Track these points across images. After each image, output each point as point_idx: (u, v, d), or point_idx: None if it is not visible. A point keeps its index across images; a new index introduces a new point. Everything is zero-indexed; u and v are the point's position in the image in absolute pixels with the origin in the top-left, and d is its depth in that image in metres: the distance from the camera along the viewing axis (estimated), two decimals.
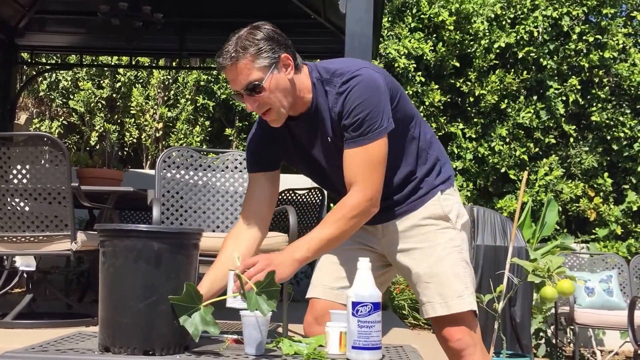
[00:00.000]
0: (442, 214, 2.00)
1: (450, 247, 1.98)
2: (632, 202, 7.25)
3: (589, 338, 6.46)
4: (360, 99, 1.81)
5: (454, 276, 1.96)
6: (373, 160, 1.85)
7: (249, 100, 1.83)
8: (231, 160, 3.76)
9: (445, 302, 1.93)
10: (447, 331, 1.94)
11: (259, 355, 1.61)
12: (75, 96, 8.51)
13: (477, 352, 1.93)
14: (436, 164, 2.04)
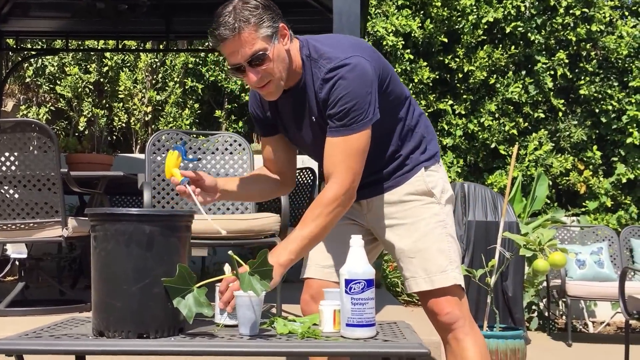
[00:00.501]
0: (425, 190, 2.00)
1: (435, 222, 1.99)
2: (621, 174, 7.30)
3: (580, 310, 6.53)
4: (347, 89, 1.79)
5: (437, 251, 1.96)
6: (353, 151, 1.84)
7: (252, 72, 1.78)
8: (221, 142, 3.75)
9: (429, 277, 1.94)
10: (435, 305, 1.95)
11: (253, 335, 1.61)
12: (62, 81, 8.44)
13: (466, 325, 1.94)
14: (422, 141, 2.04)
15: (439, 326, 1.97)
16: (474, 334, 1.95)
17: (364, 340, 1.58)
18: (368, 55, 1.86)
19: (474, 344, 1.94)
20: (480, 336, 1.98)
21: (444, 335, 1.98)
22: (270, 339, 1.58)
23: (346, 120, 1.81)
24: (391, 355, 1.61)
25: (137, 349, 1.51)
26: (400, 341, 1.57)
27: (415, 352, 1.51)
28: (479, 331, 1.99)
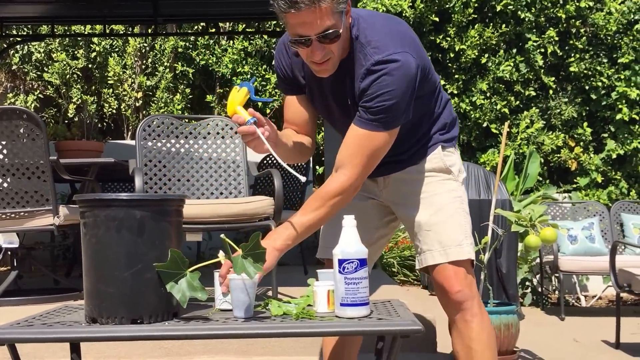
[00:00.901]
0: (443, 167, 2.01)
1: (452, 197, 1.99)
2: (612, 150, 7.32)
3: (573, 284, 6.58)
4: (389, 87, 1.75)
5: (454, 225, 1.96)
6: (373, 149, 1.82)
7: (319, 48, 1.72)
8: (212, 127, 3.73)
9: (444, 249, 1.93)
10: (446, 282, 1.93)
11: (248, 318, 1.61)
12: (50, 68, 8.36)
13: (475, 305, 1.94)
14: (445, 125, 2.04)
15: (448, 305, 1.96)
16: (482, 316, 1.95)
17: (358, 319, 1.58)
18: (415, 51, 1.81)
19: (481, 325, 1.94)
20: (487, 318, 1.97)
21: (452, 315, 1.97)
22: (265, 320, 1.58)
23: (379, 117, 1.78)
24: (385, 334, 1.61)
25: (131, 335, 1.51)
26: (394, 319, 1.58)
27: (408, 329, 1.51)
28: (486, 313, 1.98)
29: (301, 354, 2.78)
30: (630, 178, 7.46)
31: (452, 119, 2.08)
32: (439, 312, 2.93)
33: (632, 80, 7.39)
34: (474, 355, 1.94)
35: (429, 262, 1.96)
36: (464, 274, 1.93)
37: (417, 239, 2.00)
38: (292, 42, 1.75)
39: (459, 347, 1.98)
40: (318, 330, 1.55)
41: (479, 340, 1.93)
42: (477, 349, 1.93)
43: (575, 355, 4.01)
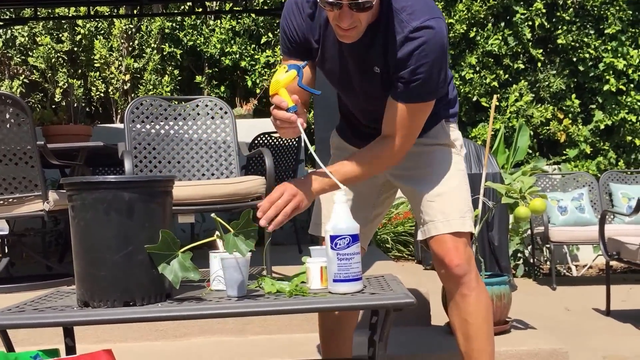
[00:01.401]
0: (447, 140, 2.02)
1: (455, 170, 2.00)
2: (600, 120, 7.35)
3: (564, 255, 6.64)
4: (429, 57, 1.72)
5: (457, 197, 1.96)
6: (417, 120, 1.83)
7: (348, 15, 1.66)
8: (202, 107, 3.71)
9: (448, 220, 1.93)
10: (446, 256, 1.92)
11: (241, 296, 1.61)
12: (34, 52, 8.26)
13: (473, 280, 1.94)
14: (450, 101, 2.04)
15: (447, 278, 1.96)
16: (479, 289, 1.95)
17: (351, 294, 1.59)
18: (443, 18, 1.79)
19: (478, 299, 1.94)
20: (485, 292, 1.98)
21: (450, 288, 1.97)
22: (258, 298, 1.58)
23: (420, 89, 1.76)
24: (378, 307, 1.62)
25: (124, 317, 1.51)
26: (387, 293, 1.58)
27: (401, 302, 1.52)
28: (484, 287, 1.99)
29: (297, 331, 2.79)
30: (619, 148, 7.49)
31: (455, 95, 2.07)
32: (432, 286, 2.96)
33: (619, 51, 7.39)
34: (470, 329, 1.95)
35: (431, 232, 1.94)
36: (463, 247, 1.93)
37: (420, 210, 1.98)
38: (323, 3, 1.68)
39: (455, 320, 1.99)
40: (311, 307, 1.56)
41: (476, 314, 1.94)
42: (473, 322, 1.94)
43: (567, 324, 4.06)
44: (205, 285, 1.80)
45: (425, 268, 5.41)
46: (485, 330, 1.96)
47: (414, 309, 2.77)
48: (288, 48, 1.92)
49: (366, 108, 1.97)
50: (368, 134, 1.96)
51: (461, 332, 1.97)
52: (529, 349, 2.47)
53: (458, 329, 1.99)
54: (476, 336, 1.95)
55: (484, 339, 1.96)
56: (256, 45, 8.00)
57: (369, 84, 1.87)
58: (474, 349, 1.96)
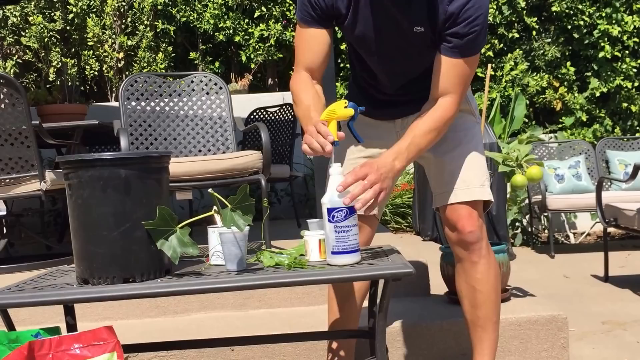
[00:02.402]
0: (468, 108, 1.99)
1: (476, 139, 1.98)
2: (595, 88, 7.32)
3: (561, 223, 6.67)
4: (481, 10, 1.73)
5: (477, 166, 1.95)
6: (470, 73, 1.83)
7: None
8: (197, 83, 3.69)
9: (469, 188, 1.92)
10: (459, 222, 1.91)
11: (240, 271, 1.62)
12: (27, 32, 8.19)
13: (483, 247, 1.94)
14: None
15: (458, 243, 1.95)
16: (489, 257, 1.95)
17: (349, 266, 1.60)
18: None
19: (488, 267, 1.94)
20: (495, 262, 1.97)
21: (460, 254, 1.96)
22: (258, 272, 1.59)
23: (474, 43, 1.77)
24: (377, 278, 1.63)
25: (124, 294, 1.51)
26: (385, 263, 1.59)
27: (400, 272, 1.52)
28: (494, 256, 1.98)
29: (296, 304, 2.81)
30: (614, 115, 7.48)
31: None
32: (431, 257, 2.97)
33: (614, 18, 7.33)
34: (477, 296, 1.95)
35: (451, 200, 1.92)
36: (477, 215, 1.93)
37: (439, 177, 1.97)
38: None
39: (462, 287, 1.99)
40: (310, 279, 1.56)
41: (485, 281, 1.94)
42: (481, 289, 1.94)
43: (565, 290, 4.09)
44: (204, 261, 1.80)
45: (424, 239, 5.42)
46: (492, 298, 1.96)
47: (413, 279, 2.79)
48: (311, 15, 1.88)
49: (397, 73, 1.92)
50: (390, 103, 1.94)
51: (468, 299, 1.98)
52: (529, 315, 2.49)
53: (465, 296, 1.98)
54: (483, 304, 1.95)
55: (491, 307, 1.96)
56: (250, 19, 7.93)
57: (409, 45, 1.84)
58: (479, 316, 1.96)
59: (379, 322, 1.65)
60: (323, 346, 2.39)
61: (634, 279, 4.32)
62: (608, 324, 3.24)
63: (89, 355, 1.48)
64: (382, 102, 2.00)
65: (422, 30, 1.79)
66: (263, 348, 2.39)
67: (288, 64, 7.88)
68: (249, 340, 2.27)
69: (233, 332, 2.46)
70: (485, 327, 1.97)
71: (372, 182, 1.66)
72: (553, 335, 2.47)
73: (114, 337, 1.53)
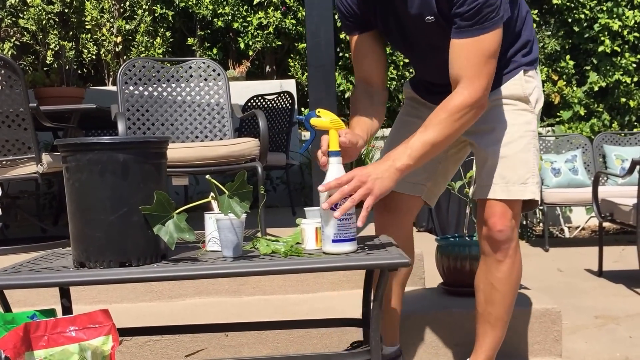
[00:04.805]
0: (522, 95, 1.90)
1: (525, 130, 1.89)
2: (594, 82, 7.32)
3: (557, 216, 6.69)
4: None
5: (522, 161, 1.87)
6: (485, 53, 1.69)
7: None
8: (194, 69, 3.68)
9: (507, 186, 1.86)
10: (491, 219, 1.87)
11: (237, 257, 1.62)
12: (25, 14, 8.14)
13: (511, 248, 1.89)
14: (527, 44, 1.92)
15: (486, 239, 1.91)
16: (514, 258, 1.91)
17: (346, 255, 1.60)
18: None
19: (511, 269, 1.91)
20: (519, 263, 1.93)
21: (486, 250, 1.92)
22: (254, 259, 1.59)
23: (478, 17, 1.65)
24: (373, 268, 1.63)
25: (120, 277, 1.51)
26: (382, 253, 1.59)
27: (396, 262, 1.53)
28: (520, 258, 1.94)
29: (290, 292, 2.82)
30: (613, 110, 7.49)
31: (532, 38, 1.93)
32: (426, 247, 2.97)
33: (614, 12, 7.32)
34: (494, 294, 1.93)
35: (489, 195, 1.87)
36: (511, 214, 1.87)
37: (480, 170, 1.92)
38: None
39: (481, 281, 1.97)
40: (307, 267, 1.56)
41: (505, 282, 1.91)
42: (500, 289, 1.92)
43: (559, 284, 4.11)
44: (200, 247, 1.81)
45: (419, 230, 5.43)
46: (509, 300, 1.94)
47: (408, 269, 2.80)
48: (348, 24, 1.90)
49: (436, 64, 1.86)
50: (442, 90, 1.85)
51: (484, 294, 1.95)
52: (522, 308, 2.50)
53: (481, 290, 1.96)
54: (498, 303, 1.94)
55: (505, 307, 1.95)
56: (248, 6, 7.89)
57: (429, 36, 1.80)
58: (492, 313, 1.95)
59: (373, 311, 1.66)
60: (316, 334, 2.40)
61: (628, 274, 4.34)
62: (601, 319, 3.25)
63: (84, 337, 1.48)
64: (435, 89, 1.94)
65: (433, 20, 1.75)
66: (257, 334, 2.40)
67: (286, 52, 7.85)
68: (244, 326, 2.28)
69: (227, 317, 2.47)
70: (495, 325, 1.96)
71: (353, 187, 1.59)
72: (546, 328, 2.49)
73: (110, 320, 1.53)
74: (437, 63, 1.83)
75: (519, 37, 1.91)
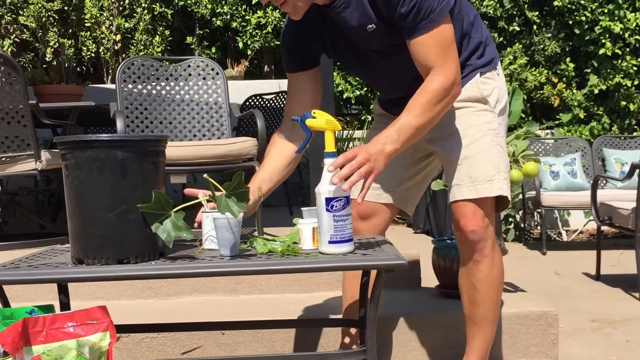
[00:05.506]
0: (479, 97, 1.92)
1: (486, 130, 1.91)
2: (594, 85, 7.33)
3: (554, 220, 6.69)
4: None
5: (486, 159, 1.89)
6: (444, 41, 1.74)
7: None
8: (193, 68, 3.68)
9: (474, 185, 1.88)
10: (462, 219, 1.89)
11: (234, 256, 1.62)
12: (25, 11, 8.14)
13: (487, 247, 1.91)
14: (479, 46, 1.95)
15: (461, 241, 1.93)
16: (493, 257, 1.92)
17: (342, 255, 1.60)
18: None
19: (490, 267, 1.92)
20: (499, 261, 1.94)
21: (463, 251, 1.95)
22: (251, 258, 1.60)
23: (423, 12, 1.70)
24: (370, 268, 1.64)
25: (118, 275, 1.51)
26: (378, 254, 1.60)
27: (393, 263, 1.53)
28: (499, 256, 1.95)
29: (287, 291, 2.82)
30: (612, 113, 7.50)
31: (484, 39, 1.96)
32: (422, 249, 2.98)
33: (616, 14, 7.33)
34: (477, 295, 1.94)
35: (456, 197, 1.90)
36: (482, 214, 1.88)
37: (448, 173, 1.94)
38: None
39: (464, 283, 1.98)
40: (304, 267, 1.57)
41: (486, 281, 1.92)
42: (481, 289, 1.93)
43: (556, 287, 4.11)
44: (197, 245, 1.81)
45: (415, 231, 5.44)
46: (492, 299, 1.95)
47: (404, 271, 2.81)
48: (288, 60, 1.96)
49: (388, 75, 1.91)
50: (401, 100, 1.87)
51: (467, 295, 1.97)
52: (519, 311, 2.50)
53: (465, 292, 1.98)
54: (481, 303, 1.95)
55: (489, 307, 1.96)
56: (247, 6, 7.90)
57: (374, 45, 1.83)
58: (476, 313, 1.96)
59: (369, 312, 1.66)
60: (312, 333, 2.41)
61: (626, 278, 4.34)
62: (598, 322, 3.26)
63: (82, 333, 1.49)
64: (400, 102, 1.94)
65: (374, 27, 1.78)
66: (253, 333, 2.41)
67: None
68: (240, 325, 2.29)
69: (224, 316, 2.47)
70: (481, 325, 1.96)
71: (360, 163, 1.62)
72: (543, 331, 2.49)
73: (107, 317, 1.53)
74: (393, 73, 1.89)
75: (470, 41, 1.94)
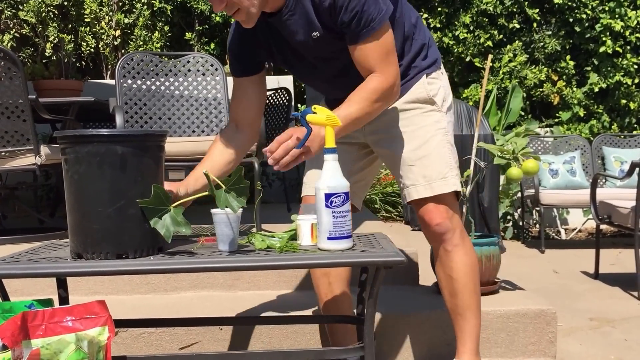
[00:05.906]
0: (426, 97, 1.99)
1: (435, 129, 1.98)
2: (594, 83, 7.32)
3: (553, 218, 6.70)
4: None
5: (438, 158, 1.96)
6: (384, 47, 1.81)
7: (216, 1, 1.73)
8: (192, 64, 3.68)
9: (429, 183, 1.94)
10: (426, 215, 1.96)
11: (232, 251, 1.63)
12: (25, 6, 8.13)
13: (456, 237, 1.96)
14: (422, 48, 2.00)
15: (430, 236, 2.00)
16: (463, 246, 1.97)
17: (341, 251, 1.61)
18: None
19: (462, 255, 1.97)
20: (470, 249, 2.00)
21: (434, 246, 2.01)
22: (249, 254, 1.60)
23: (364, 20, 1.76)
24: (369, 265, 1.64)
25: (117, 269, 1.52)
26: (377, 251, 1.60)
27: (392, 260, 1.54)
28: (469, 244, 2.00)
29: (285, 287, 2.82)
30: (612, 111, 7.49)
31: (428, 38, 2.03)
32: (420, 246, 2.98)
33: (617, 12, 7.32)
34: (454, 284, 1.98)
35: (413, 196, 1.97)
36: (444, 207, 1.95)
37: (400, 174, 2.00)
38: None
39: (441, 276, 2.02)
40: (303, 263, 1.57)
41: (460, 269, 1.97)
42: (457, 278, 1.97)
43: (555, 286, 4.12)
44: (196, 240, 1.81)
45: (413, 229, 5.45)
46: (470, 286, 1.98)
47: (402, 268, 2.81)
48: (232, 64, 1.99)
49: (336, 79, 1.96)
50: None
51: (446, 288, 2.01)
52: (517, 309, 2.51)
53: (444, 287, 2.02)
54: (460, 292, 1.98)
55: (469, 295, 1.98)
56: None
57: (323, 52, 1.87)
58: (458, 304, 1.99)
59: (368, 308, 1.67)
60: (310, 329, 2.41)
61: (624, 277, 4.35)
62: (596, 321, 3.26)
63: (80, 328, 1.49)
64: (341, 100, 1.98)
65: (318, 35, 1.83)
66: (251, 329, 2.41)
67: None
68: (238, 320, 2.29)
69: (221, 311, 2.48)
70: (464, 315, 1.99)
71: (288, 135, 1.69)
72: (541, 329, 2.49)
73: (106, 311, 1.54)
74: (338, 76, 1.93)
75: (413, 43, 1.99)
